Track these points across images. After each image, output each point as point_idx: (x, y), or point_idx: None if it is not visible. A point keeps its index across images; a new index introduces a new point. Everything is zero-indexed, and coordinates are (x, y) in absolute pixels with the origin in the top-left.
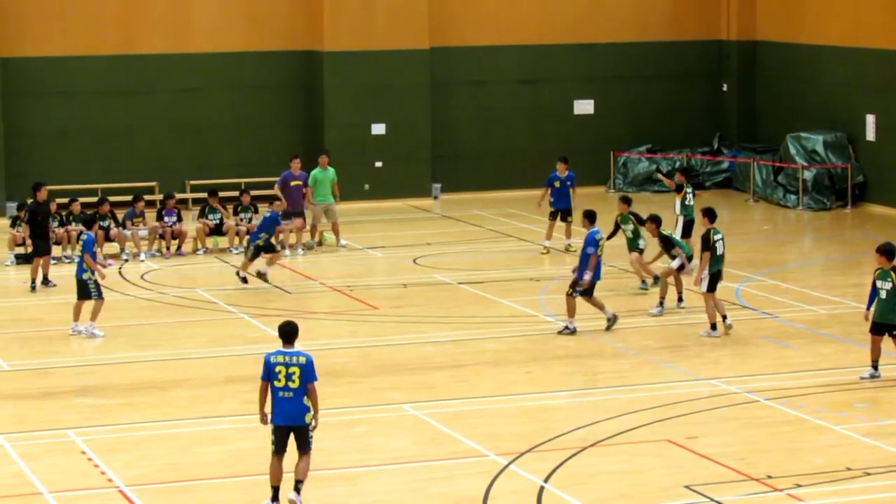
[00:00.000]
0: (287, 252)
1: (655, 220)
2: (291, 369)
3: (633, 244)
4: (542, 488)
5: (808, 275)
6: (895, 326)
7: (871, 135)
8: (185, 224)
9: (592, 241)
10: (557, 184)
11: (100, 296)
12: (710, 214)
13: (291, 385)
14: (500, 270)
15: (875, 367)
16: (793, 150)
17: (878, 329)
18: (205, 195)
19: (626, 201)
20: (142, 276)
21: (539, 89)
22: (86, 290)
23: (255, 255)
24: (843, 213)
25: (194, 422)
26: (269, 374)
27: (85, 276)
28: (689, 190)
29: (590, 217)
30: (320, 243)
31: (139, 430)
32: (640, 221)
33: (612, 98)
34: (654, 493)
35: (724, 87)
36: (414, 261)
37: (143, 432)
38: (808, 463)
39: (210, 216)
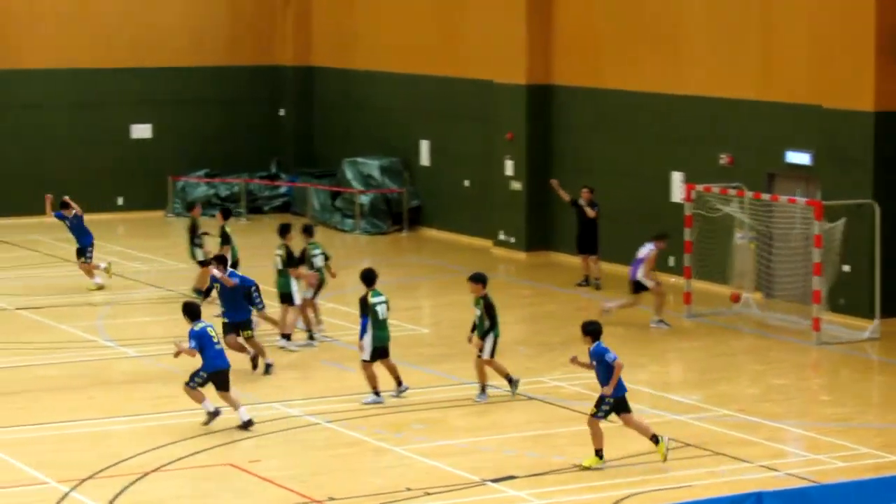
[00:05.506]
0: None
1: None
2: None
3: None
4: None
5: None
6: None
7: (425, 160)
8: None
9: None
10: None
11: None
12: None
13: None
14: (59, 295)
15: (398, 383)
16: (350, 175)
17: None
18: None
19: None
20: None
21: (95, 113)
22: None
23: None
24: (399, 237)
25: None
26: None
27: None
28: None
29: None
30: None
31: None
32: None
33: (169, 122)
34: None
35: (281, 112)
36: None
37: None
38: (368, 484)
39: None
